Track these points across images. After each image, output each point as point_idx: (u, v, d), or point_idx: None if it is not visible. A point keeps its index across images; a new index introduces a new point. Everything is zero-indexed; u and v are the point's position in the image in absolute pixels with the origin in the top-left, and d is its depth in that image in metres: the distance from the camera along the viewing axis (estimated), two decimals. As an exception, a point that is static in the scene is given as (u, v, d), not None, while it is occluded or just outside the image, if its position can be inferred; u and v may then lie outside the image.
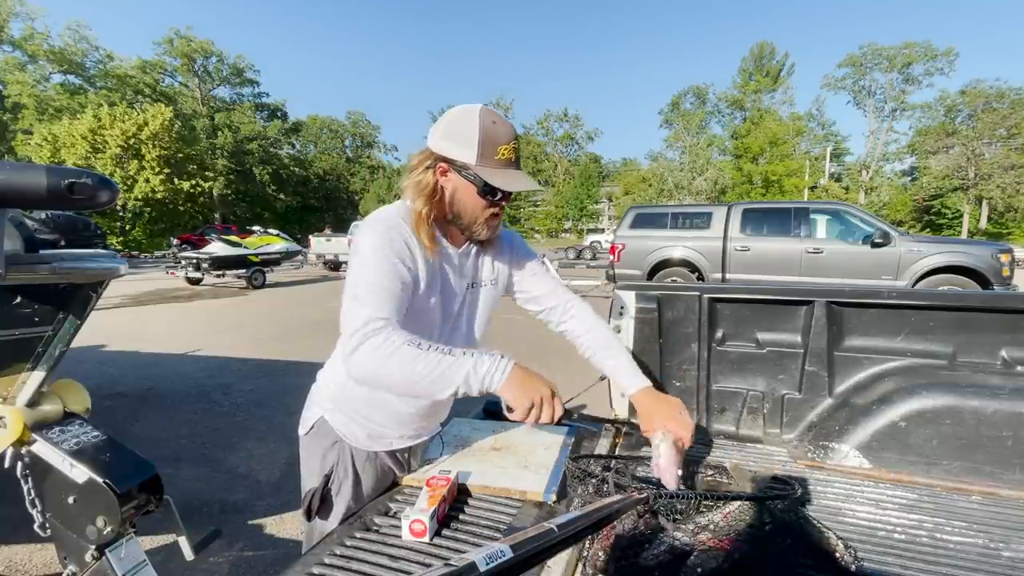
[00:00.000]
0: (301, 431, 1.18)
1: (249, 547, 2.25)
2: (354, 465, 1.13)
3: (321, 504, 1.10)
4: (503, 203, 1.01)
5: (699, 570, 0.86)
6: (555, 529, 0.66)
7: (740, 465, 1.15)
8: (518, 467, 1.28)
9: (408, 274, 0.95)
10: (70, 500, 1.20)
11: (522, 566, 0.58)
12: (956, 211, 39.09)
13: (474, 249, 1.11)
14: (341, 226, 32.11)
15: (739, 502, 0.97)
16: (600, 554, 0.93)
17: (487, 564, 0.54)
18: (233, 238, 13.38)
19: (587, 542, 0.96)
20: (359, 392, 1.09)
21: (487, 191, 0.97)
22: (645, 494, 0.93)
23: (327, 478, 1.12)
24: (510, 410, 0.89)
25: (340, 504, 1.12)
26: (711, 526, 0.92)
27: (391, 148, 65.59)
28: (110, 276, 1.32)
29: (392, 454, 1.19)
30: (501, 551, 0.57)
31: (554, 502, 1.14)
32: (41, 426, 1.27)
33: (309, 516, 1.10)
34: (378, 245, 0.94)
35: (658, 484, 1.03)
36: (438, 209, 1.00)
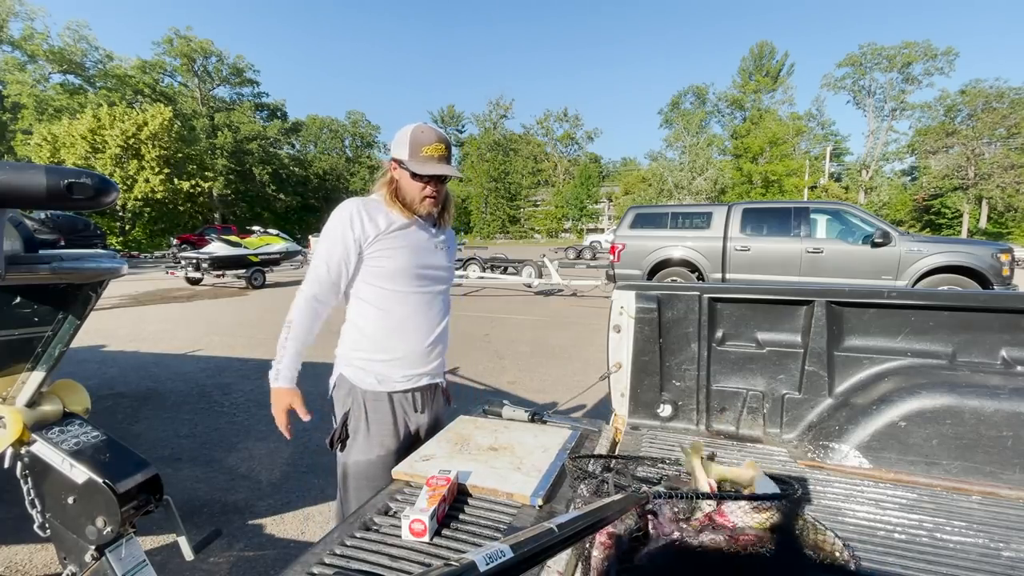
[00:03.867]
0: (329, 393, 1.50)
1: (249, 547, 2.25)
2: (365, 406, 1.41)
3: (344, 440, 1.42)
4: (431, 186, 1.39)
5: (699, 570, 0.86)
6: (555, 529, 0.66)
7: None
8: (510, 468, 1.28)
9: (369, 225, 1.36)
10: (70, 500, 1.20)
11: (522, 566, 0.58)
12: (956, 211, 39.07)
13: (433, 225, 1.50)
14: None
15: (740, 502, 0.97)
16: (600, 554, 0.93)
17: (487, 564, 0.54)
18: (233, 238, 13.36)
19: (586, 542, 0.96)
20: (366, 343, 1.41)
21: (415, 176, 1.37)
22: (644, 494, 0.93)
23: (345, 416, 1.42)
24: None
25: (357, 437, 1.41)
26: (712, 526, 0.92)
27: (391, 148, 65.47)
28: (110, 276, 1.32)
29: (399, 395, 1.44)
30: (501, 551, 0.57)
31: (540, 506, 1.13)
32: (41, 426, 1.27)
33: (331, 446, 1.44)
34: (329, 231, 1.37)
35: (657, 483, 1.03)
36: (395, 192, 1.42)
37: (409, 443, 1.46)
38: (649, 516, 0.94)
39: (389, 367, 1.41)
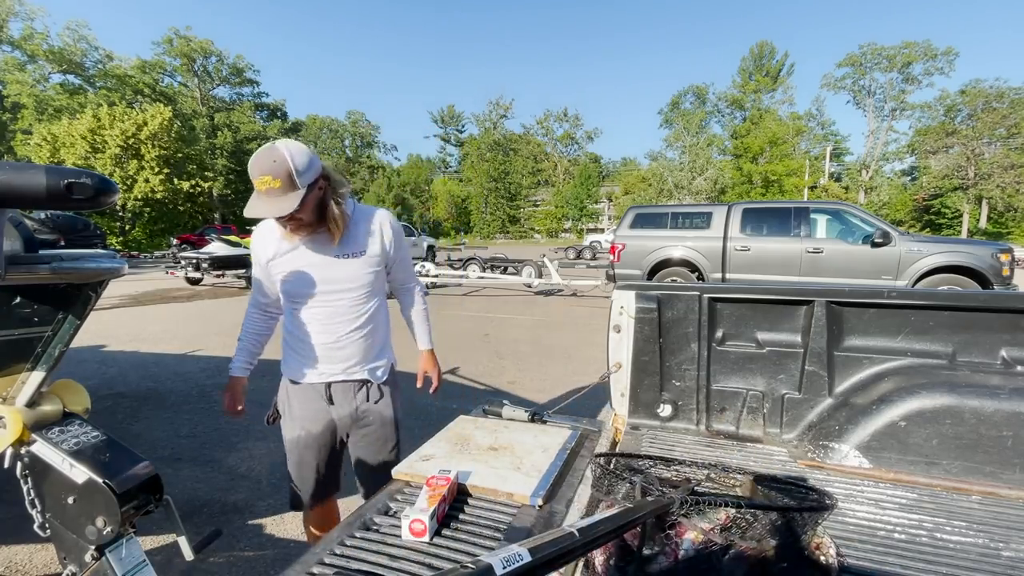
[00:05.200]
0: None
1: (249, 547, 2.25)
2: (288, 393, 1.60)
3: (276, 420, 1.64)
4: (282, 220, 1.35)
5: (700, 572, 0.85)
6: (576, 533, 0.64)
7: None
8: (510, 468, 1.28)
9: (261, 251, 1.50)
10: (70, 500, 1.20)
11: (540, 570, 0.57)
12: (956, 211, 39.04)
13: (328, 235, 1.45)
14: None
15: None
16: (603, 556, 0.93)
17: (504, 567, 0.53)
18: (233, 238, 13.36)
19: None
20: (288, 340, 1.59)
21: None
22: (671, 499, 0.88)
23: (276, 402, 1.64)
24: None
25: (284, 420, 1.61)
26: (715, 527, 0.92)
27: (391, 148, 65.64)
28: (110, 276, 1.32)
29: (314, 386, 1.56)
30: (519, 555, 0.55)
31: (540, 506, 1.13)
32: (41, 426, 1.27)
33: (267, 423, 1.65)
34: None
35: (677, 488, 0.99)
36: None
37: (328, 431, 1.59)
38: (668, 522, 0.89)
39: (301, 362, 1.56)
